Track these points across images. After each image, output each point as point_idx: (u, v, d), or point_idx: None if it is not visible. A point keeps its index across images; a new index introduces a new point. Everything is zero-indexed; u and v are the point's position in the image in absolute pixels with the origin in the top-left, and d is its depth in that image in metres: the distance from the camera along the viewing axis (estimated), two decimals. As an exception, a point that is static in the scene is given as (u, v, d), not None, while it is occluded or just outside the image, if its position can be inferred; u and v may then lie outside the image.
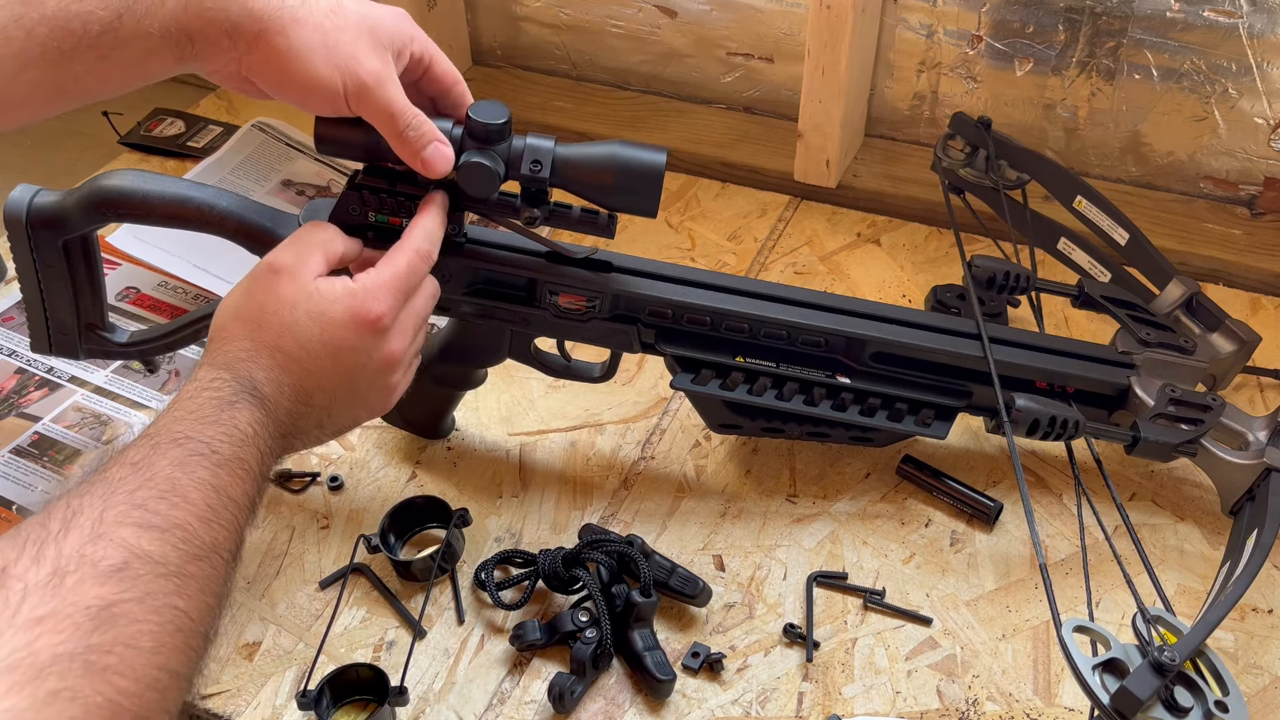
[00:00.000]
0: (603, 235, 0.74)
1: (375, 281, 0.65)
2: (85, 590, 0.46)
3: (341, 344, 0.63)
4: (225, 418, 0.58)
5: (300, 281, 0.63)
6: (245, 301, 0.64)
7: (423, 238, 0.68)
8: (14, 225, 0.74)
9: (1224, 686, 0.59)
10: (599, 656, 0.71)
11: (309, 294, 0.63)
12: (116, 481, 0.52)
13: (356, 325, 0.63)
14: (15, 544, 0.47)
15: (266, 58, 0.64)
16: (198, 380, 0.61)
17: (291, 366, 0.62)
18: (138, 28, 0.62)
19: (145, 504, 0.51)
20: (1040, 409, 0.77)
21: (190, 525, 0.52)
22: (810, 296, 0.80)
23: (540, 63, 1.30)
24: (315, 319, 0.63)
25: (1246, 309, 1.01)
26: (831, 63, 1.03)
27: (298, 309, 0.63)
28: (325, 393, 0.64)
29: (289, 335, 0.62)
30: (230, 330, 0.63)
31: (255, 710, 0.71)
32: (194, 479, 0.54)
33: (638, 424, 0.90)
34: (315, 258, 0.65)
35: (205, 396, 0.59)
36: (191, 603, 0.50)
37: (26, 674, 0.42)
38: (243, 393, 0.60)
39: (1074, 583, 0.78)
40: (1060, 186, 0.94)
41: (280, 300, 0.63)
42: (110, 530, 0.49)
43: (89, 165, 1.14)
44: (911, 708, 0.71)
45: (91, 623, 0.45)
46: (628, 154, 0.70)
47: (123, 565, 0.48)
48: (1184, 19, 0.99)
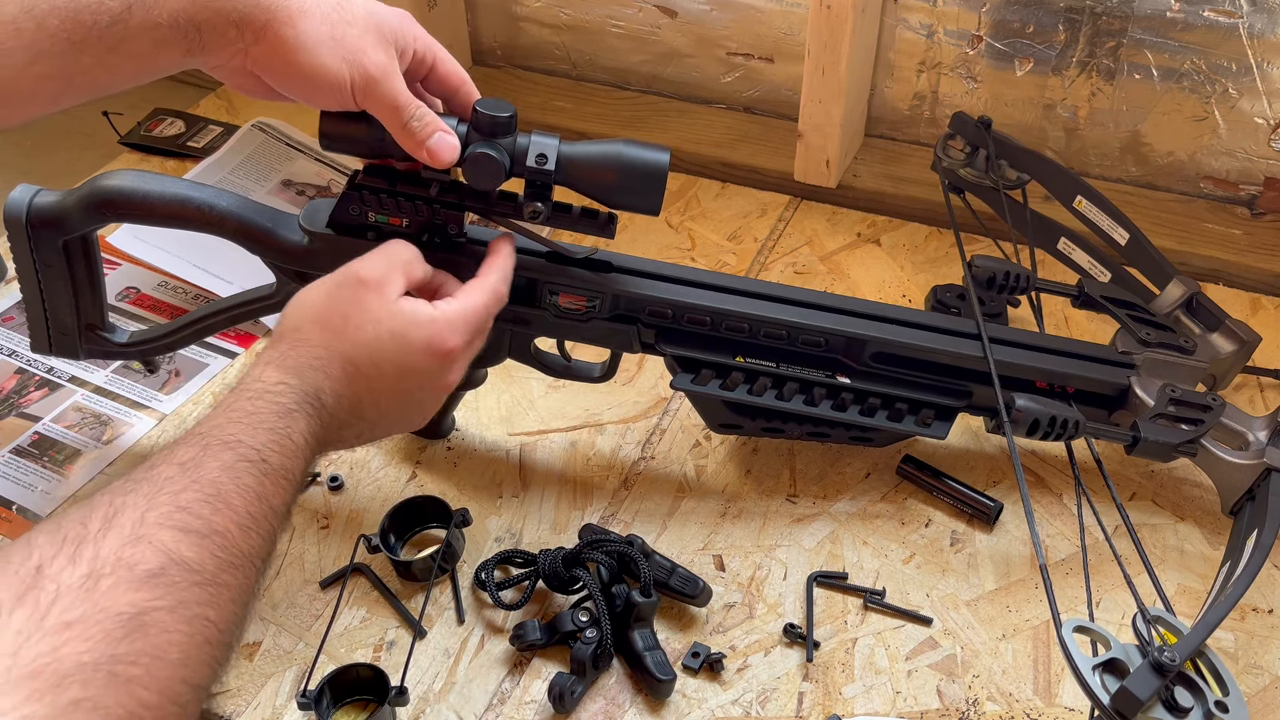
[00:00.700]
0: (603, 235, 0.74)
1: (457, 314, 0.66)
2: (118, 595, 0.46)
3: (412, 367, 0.64)
4: (282, 426, 0.58)
5: (385, 297, 0.64)
6: (327, 307, 0.63)
7: (501, 279, 0.70)
8: (14, 225, 0.74)
9: (1224, 687, 0.59)
10: (599, 656, 0.71)
11: (392, 313, 0.64)
12: (163, 481, 0.52)
13: (431, 353, 0.64)
14: (54, 540, 0.47)
15: (273, 49, 0.64)
16: (262, 380, 0.60)
17: (358, 380, 0.63)
18: (146, 18, 0.62)
19: (189, 507, 0.51)
20: (1040, 409, 0.77)
21: (230, 532, 0.52)
22: (810, 296, 0.80)
23: (540, 63, 1.30)
24: (395, 339, 0.63)
25: (1246, 309, 1.01)
26: (831, 63, 1.03)
27: (380, 326, 0.63)
28: (378, 408, 0.65)
29: (365, 350, 0.63)
30: (306, 334, 0.63)
31: (255, 710, 0.71)
32: (239, 485, 0.54)
33: (638, 424, 0.90)
34: (399, 276, 0.65)
35: (267, 400, 0.59)
36: (221, 613, 0.50)
37: (49, 681, 0.42)
38: (305, 402, 0.60)
39: (1074, 583, 0.78)
40: (1060, 186, 0.94)
41: (364, 313, 0.63)
42: (151, 532, 0.49)
43: (89, 165, 1.14)
44: (911, 708, 0.71)
45: (121, 630, 0.45)
46: (632, 153, 0.70)
47: (159, 570, 0.48)
48: (1184, 19, 0.99)
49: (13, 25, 0.59)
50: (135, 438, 0.89)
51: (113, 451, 0.88)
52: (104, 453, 0.88)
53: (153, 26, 0.62)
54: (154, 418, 0.91)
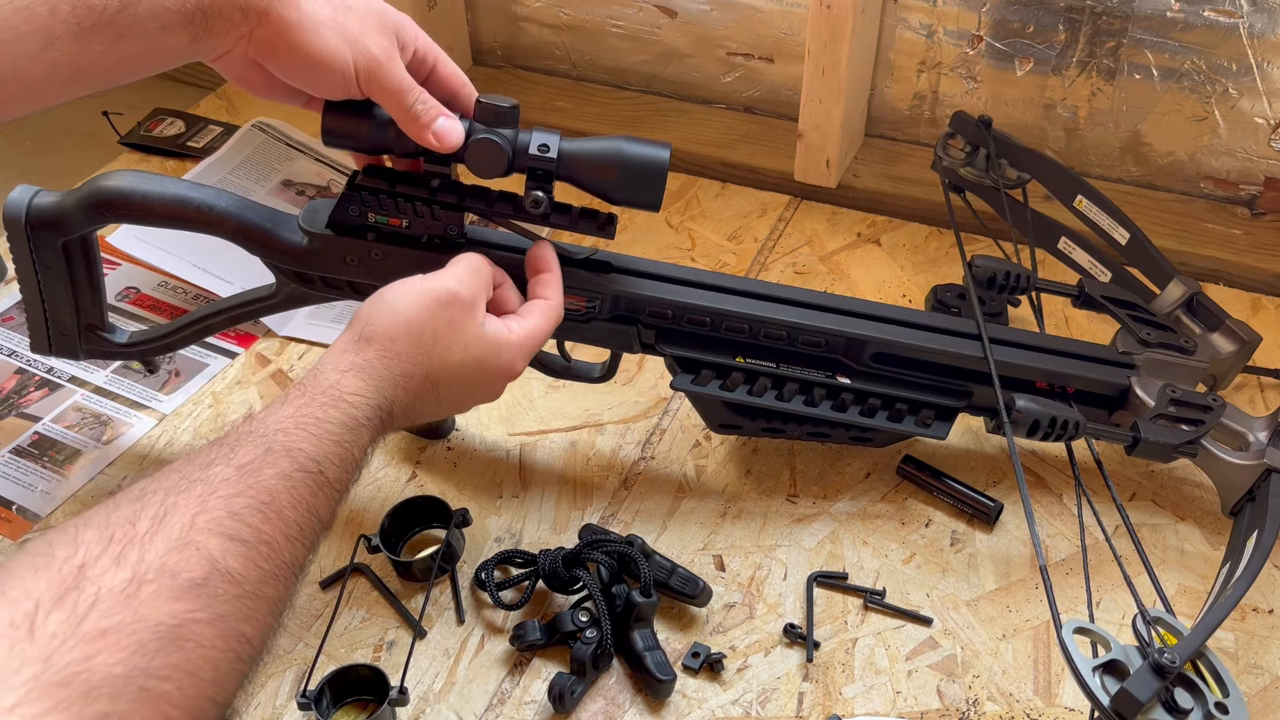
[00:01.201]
0: (602, 236, 0.74)
1: (530, 338, 0.69)
2: (159, 604, 0.45)
3: (481, 384, 0.68)
4: (348, 440, 0.59)
5: (475, 320, 0.66)
6: (423, 322, 0.64)
7: (561, 300, 0.72)
8: (13, 226, 0.74)
9: (1224, 688, 0.59)
10: (599, 656, 0.71)
11: (480, 337, 0.66)
12: (218, 483, 0.51)
13: (501, 375, 0.68)
14: (101, 538, 0.46)
15: (277, 30, 0.65)
16: (339, 388, 0.60)
17: (428, 394, 0.65)
18: (154, 3, 0.63)
19: (240, 514, 0.51)
20: (1040, 409, 0.77)
21: (278, 543, 0.52)
22: (810, 297, 0.80)
23: (540, 63, 1.30)
24: (479, 364, 0.66)
25: (1247, 309, 1.01)
26: (831, 63, 1.03)
27: (469, 351, 0.65)
28: (427, 413, 0.67)
29: (449, 371, 0.65)
30: (399, 346, 0.64)
31: (255, 710, 0.71)
32: (294, 496, 0.54)
33: (638, 424, 0.90)
34: (485, 295, 0.68)
35: (340, 410, 0.59)
36: (257, 628, 0.50)
37: (78, 690, 0.41)
38: (375, 417, 0.61)
39: (1074, 583, 0.78)
40: (1061, 186, 0.94)
41: (455, 336, 0.65)
42: (199, 538, 0.48)
43: (89, 165, 1.14)
44: (912, 708, 0.71)
45: (157, 642, 0.44)
46: (632, 149, 0.70)
47: (203, 581, 0.47)
48: (1184, 19, 0.99)
49: (26, 10, 0.60)
50: (135, 438, 0.89)
51: (113, 451, 0.88)
52: (104, 453, 0.88)
53: (160, 11, 0.63)
54: (154, 418, 0.91)
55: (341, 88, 0.67)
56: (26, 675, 0.41)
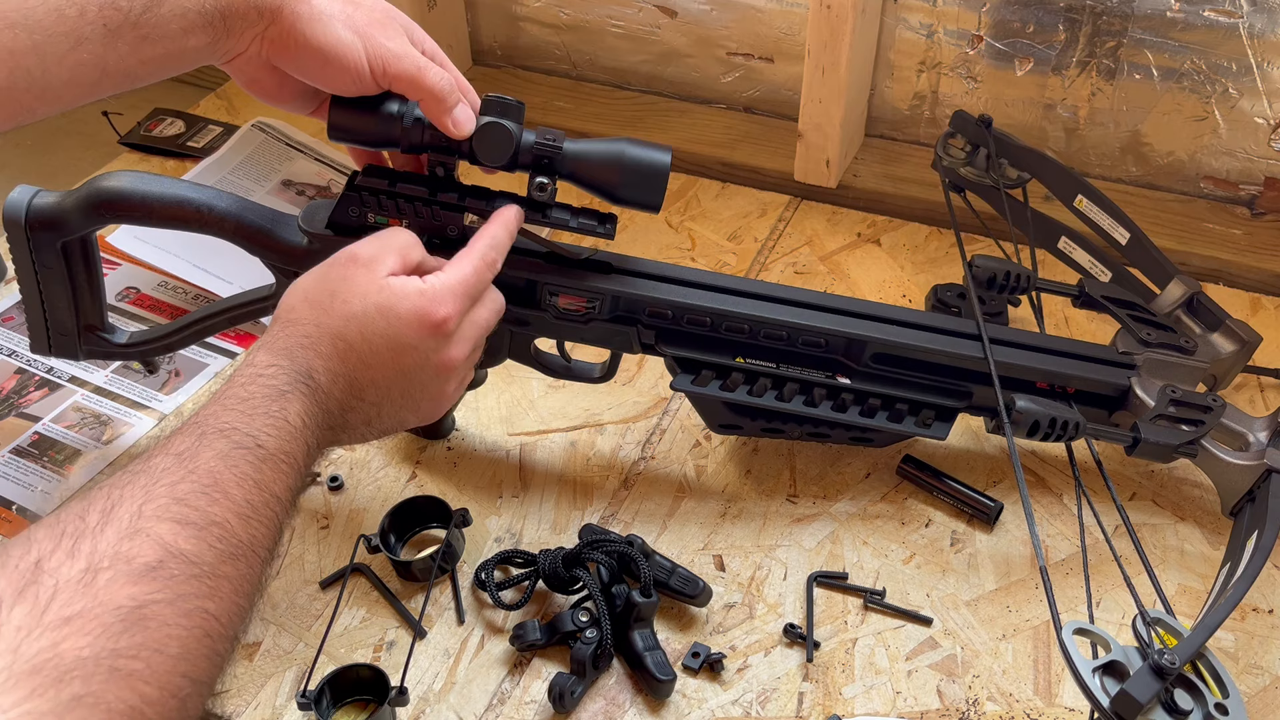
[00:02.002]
0: (602, 236, 0.74)
1: (443, 284, 0.65)
2: (117, 590, 0.46)
3: (404, 341, 0.64)
4: (276, 409, 0.58)
5: (374, 274, 0.64)
6: (317, 286, 0.64)
7: (490, 246, 0.69)
8: (13, 226, 0.74)
9: (1224, 689, 0.59)
10: (599, 656, 0.71)
11: (380, 287, 0.64)
12: (159, 472, 0.52)
13: (421, 325, 0.64)
14: (53, 535, 0.47)
15: (289, 26, 0.66)
16: (254, 365, 0.60)
17: (350, 357, 0.62)
18: (177, 5, 0.64)
19: (185, 498, 0.51)
20: (1040, 410, 0.77)
21: (229, 523, 0.52)
22: (810, 297, 0.80)
23: (540, 63, 1.30)
24: (382, 312, 0.63)
25: (1247, 309, 1.01)
26: (831, 63, 1.03)
27: (368, 299, 0.63)
28: (378, 388, 0.64)
29: (354, 324, 0.63)
30: (298, 313, 0.63)
31: (255, 710, 0.71)
32: (236, 474, 0.54)
33: (638, 424, 0.90)
34: (392, 257, 0.65)
35: (259, 384, 0.59)
36: (222, 605, 0.50)
37: (50, 677, 0.42)
38: (298, 382, 0.60)
39: (1074, 583, 0.78)
40: (1061, 185, 0.94)
41: (352, 288, 0.63)
42: (148, 525, 0.49)
43: (89, 165, 1.14)
44: (912, 708, 0.71)
45: (120, 624, 0.45)
46: (634, 151, 0.71)
47: (157, 564, 0.47)
48: (1184, 19, 0.99)
49: (57, 11, 0.61)
50: (135, 438, 0.89)
51: (113, 451, 0.88)
52: (104, 453, 0.88)
53: (183, 13, 0.64)
54: (154, 418, 0.91)
55: (354, 81, 0.68)
56: None
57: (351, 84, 0.68)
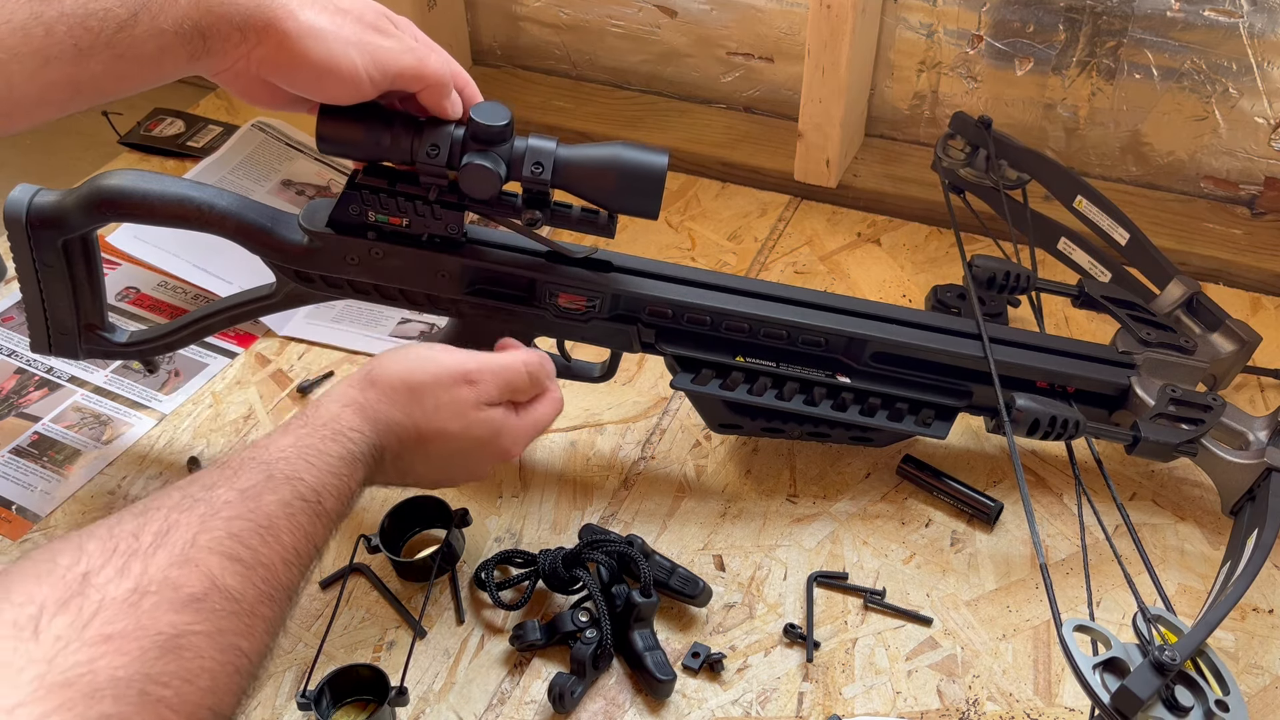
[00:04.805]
0: (603, 235, 0.74)
1: (530, 431, 0.70)
2: (160, 615, 0.46)
3: (472, 460, 0.69)
4: (345, 473, 0.60)
5: (479, 401, 0.67)
6: (427, 385, 0.66)
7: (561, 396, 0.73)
8: (14, 225, 0.74)
9: (1224, 686, 0.59)
10: (599, 656, 0.71)
11: (482, 420, 0.67)
12: (220, 505, 0.53)
13: (493, 454, 0.69)
14: (105, 549, 0.47)
15: (279, 45, 0.65)
16: (339, 422, 0.62)
17: (419, 455, 0.66)
18: (152, 25, 0.63)
19: (240, 535, 0.52)
20: (1041, 409, 0.77)
21: (275, 566, 0.53)
22: (810, 296, 0.80)
23: (540, 63, 1.30)
24: (473, 441, 0.67)
25: (1247, 309, 1.01)
26: (831, 62, 1.03)
27: (469, 429, 0.67)
28: (418, 475, 0.69)
29: (440, 437, 0.66)
30: (399, 397, 0.65)
31: (255, 710, 0.71)
32: (293, 524, 0.55)
33: (638, 424, 0.90)
34: (498, 389, 0.68)
35: (340, 444, 0.61)
36: (255, 644, 0.51)
37: (82, 692, 0.42)
38: (371, 456, 0.63)
39: (1074, 582, 0.78)
40: (1060, 186, 0.94)
41: (454, 409, 0.66)
42: (200, 556, 0.49)
43: (89, 165, 1.14)
44: (912, 708, 0.71)
45: (157, 650, 0.45)
46: (629, 156, 0.70)
47: (202, 596, 0.48)
48: (1184, 19, 0.99)
49: (23, 31, 0.60)
50: (135, 438, 0.89)
51: (112, 451, 0.88)
52: (104, 453, 0.88)
53: (158, 33, 0.63)
54: (154, 418, 0.91)
55: (352, 91, 0.67)
56: (31, 675, 0.41)
57: (350, 95, 0.67)
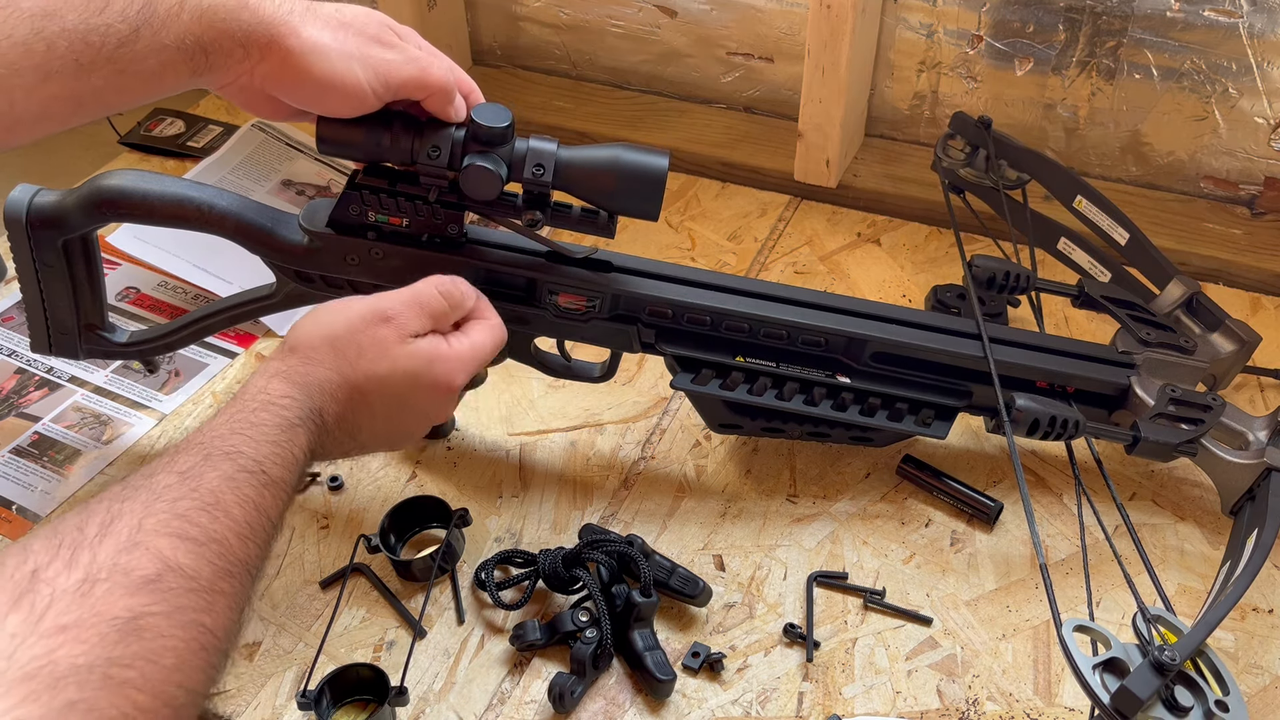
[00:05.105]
0: (603, 235, 0.74)
1: (468, 354, 0.68)
2: (114, 600, 0.46)
3: (416, 402, 0.67)
4: (285, 439, 0.60)
5: (403, 336, 0.66)
6: (345, 336, 0.65)
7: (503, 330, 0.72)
8: (14, 225, 0.74)
9: (1224, 686, 0.59)
10: (599, 656, 0.71)
11: (408, 354, 0.66)
12: (161, 489, 0.52)
13: (435, 389, 0.67)
14: (50, 546, 0.47)
15: (283, 61, 0.65)
16: (267, 392, 0.62)
17: (361, 408, 0.65)
18: (153, 41, 0.63)
19: (187, 514, 0.52)
20: (1040, 409, 0.77)
21: (228, 540, 0.53)
22: (810, 296, 0.80)
23: (540, 63, 1.30)
24: (406, 377, 0.66)
25: (1247, 309, 1.01)
26: (831, 63, 1.03)
27: (396, 365, 0.65)
28: (372, 432, 0.67)
29: (374, 383, 0.65)
30: (320, 354, 0.64)
31: (255, 710, 0.71)
32: (239, 496, 0.55)
33: (638, 424, 0.90)
34: (418, 319, 0.67)
35: (272, 412, 0.60)
36: (218, 619, 0.50)
37: (44, 683, 0.42)
38: (308, 418, 0.62)
39: (1074, 582, 0.78)
40: (1060, 186, 0.94)
41: (380, 350, 0.65)
42: (147, 539, 0.49)
43: (89, 165, 1.14)
44: (912, 708, 0.71)
45: (116, 634, 0.45)
46: (630, 158, 0.70)
47: (155, 577, 0.48)
48: (1184, 19, 0.99)
49: (24, 46, 0.60)
50: (135, 438, 0.89)
51: (113, 451, 0.88)
52: (104, 453, 0.88)
53: (160, 49, 0.63)
54: (154, 418, 0.91)
55: (355, 105, 0.67)
56: None
57: (353, 109, 0.68)
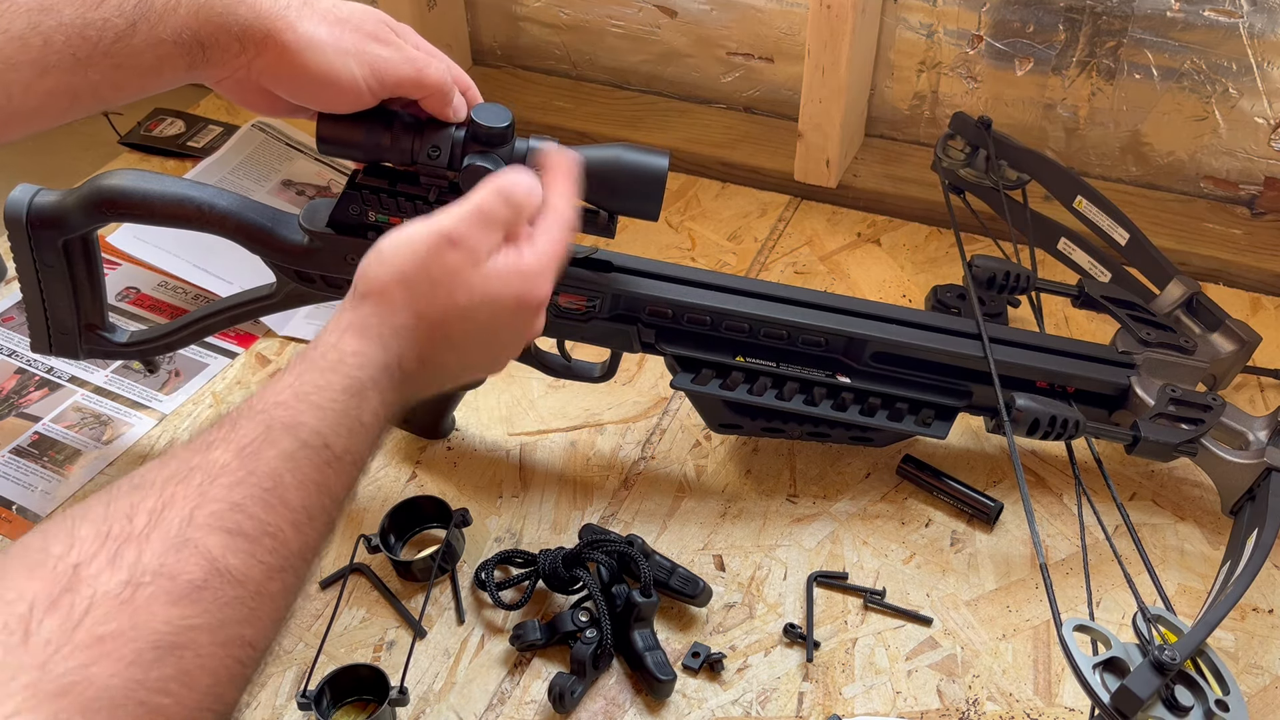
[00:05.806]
0: (603, 235, 0.74)
1: (545, 262, 0.62)
2: (155, 610, 0.44)
3: (503, 325, 0.62)
4: (353, 406, 0.55)
5: (477, 260, 0.60)
6: (416, 271, 0.58)
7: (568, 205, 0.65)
8: (14, 225, 0.74)
9: (1224, 686, 0.59)
10: (599, 656, 0.71)
11: (485, 276, 0.60)
12: (218, 470, 0.49)
13: (521, 308, 0.62)
14: (97, 535, 0.45)
15: (279, 56, 0.64)
16: (339, 350, 0.56)
17: (444, 345, 0.60)
18: (151, 35, 0.62)
19: (242, 504, 0.48)
20: (1040, 409, 0.77)
21: (283, 532, 0.50)
22: (810, 296, 0.80)
23: (540, 63, 1.30)
24: (487, 302, 0.60)
25: (1247, 309, 1.01)
26: (831, 62, 1.03)
27: (474, 292, 0.59)
28: (462, 365, 0.63)
29: (456, 315, 0.59)
30: (392, 295, 0.58)
31: (255, 710, 0.71)
32: (299, 478, 0.51)
33: (638, 424, 0.90)
34: (488, 235, 0.60)
35: (340, 373, 0.55)
36: (260, 630, 0.48)
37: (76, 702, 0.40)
38: (382, 376, 0.57)
39: (1074, 582, 0.78)
40: (1060, 186, 0.94)
41: (456, 280, 0.59)
42: (198, 536, 0.46)
43: (89, 165, 1.14)
44: (912, 708, 0.71)
45: (154, 653, 0.43)
46: (630, 158, 0.70)
47: (202, 583, 0.45)
48: (1184, 19, 0.99)
49: (21, 41, 0.60)
50: (135, 438, 0.89)
51: (113, 451, 0.88)
52: (104, 453, 0.88)
53: (157, 43, 0.63)
54: (154, 418, 0.91)
55: (352, 101, 0.67)
56: (23, 682, 0.40)
57: (349, 105, 0.67)
